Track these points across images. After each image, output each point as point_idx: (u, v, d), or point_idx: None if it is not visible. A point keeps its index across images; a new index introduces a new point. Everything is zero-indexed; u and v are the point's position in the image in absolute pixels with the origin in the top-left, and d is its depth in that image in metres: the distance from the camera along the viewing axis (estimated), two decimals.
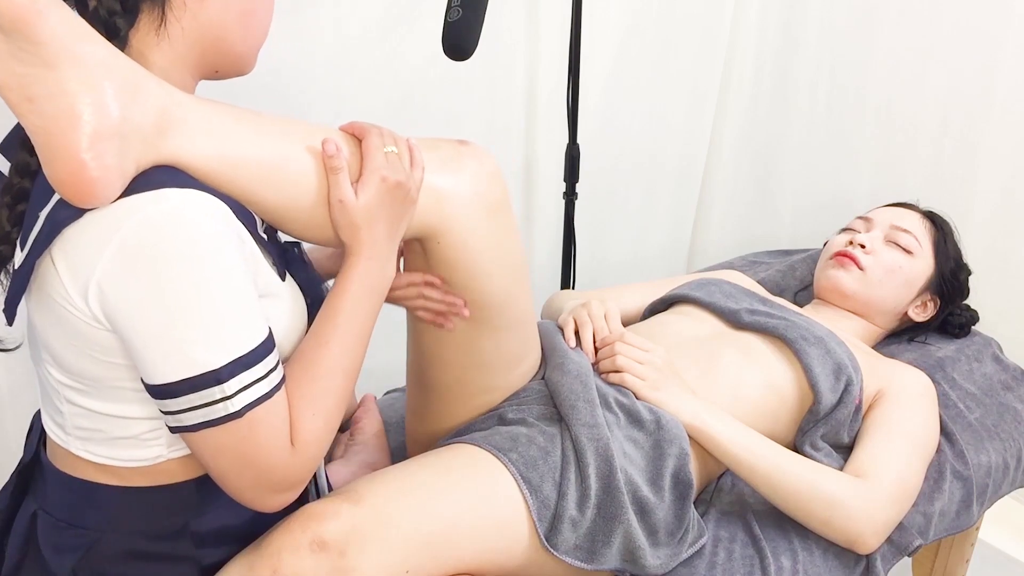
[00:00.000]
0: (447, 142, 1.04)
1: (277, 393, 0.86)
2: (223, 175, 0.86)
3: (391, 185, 0.93)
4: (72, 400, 0.89)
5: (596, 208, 2.02)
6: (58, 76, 0.77)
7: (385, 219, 0.94)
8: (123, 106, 0.79)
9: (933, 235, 1.56)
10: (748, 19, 2.03)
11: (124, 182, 0.79)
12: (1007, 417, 1.49)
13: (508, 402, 1.22)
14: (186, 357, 0.81)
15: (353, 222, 0.92)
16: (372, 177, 0.92)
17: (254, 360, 0.84)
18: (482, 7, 1.26)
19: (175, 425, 0.85)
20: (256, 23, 0.92)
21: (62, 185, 0.78)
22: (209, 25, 0.88)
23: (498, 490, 1.06)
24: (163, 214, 0.79)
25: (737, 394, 1.30)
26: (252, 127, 0.89)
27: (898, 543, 1.25)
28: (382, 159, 0.93)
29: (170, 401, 0.83)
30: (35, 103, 0.77)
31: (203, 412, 0.83)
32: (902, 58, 1.96)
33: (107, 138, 0.78)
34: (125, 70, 0.81)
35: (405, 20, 1.65)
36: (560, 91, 1.75)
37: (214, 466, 0.87)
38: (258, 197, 0.88)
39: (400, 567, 0.97)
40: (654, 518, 1.11)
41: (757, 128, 2.14)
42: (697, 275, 1.63)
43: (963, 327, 1.63)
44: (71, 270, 0.81)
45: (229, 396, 0.82)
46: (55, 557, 0.93)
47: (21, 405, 1.45)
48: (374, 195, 0.92)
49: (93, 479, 0.92)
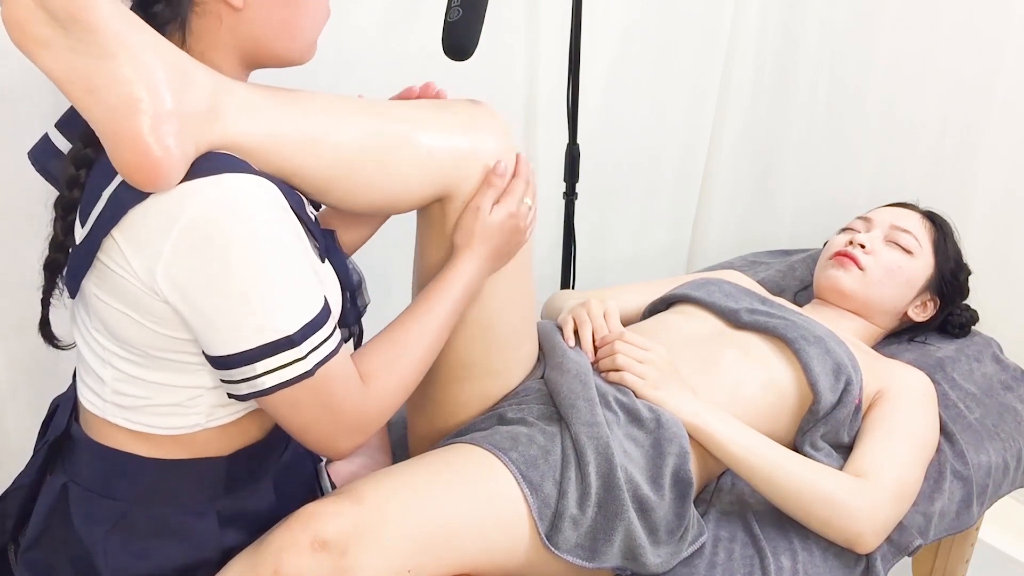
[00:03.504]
0: (461, 103, 1.09)
1: (342, 349, 0.94)
2: (273, 151, 0.91)
3: (513, 225, 1.08)
4: (117, 367, 0.93)
5: (596, 208, 2.02)
6: (114, 65, 0.80)
7: (496, 244, 1.08)
8: (176, 90, 0.83)
9: (933, 235, 1.56)
10: (748, 19, 2.03)
11: (186, 163, 0.83)
12: (1007, 417, 1.49)
13: (508, 402, 1.22)
14: (261, 326, 0.86)
15: (474, 229, 1.06)
16: (504, 209, 1.07)
17: (320, 322, 0.90)
18: (482, 7, 1.26)
19: (248, 392, 0.90)
20: (301, 28, 0.95)
21: (130, 170, 0.82)
22: (250, 37, 0.92)
23: (499, 489, 1.06)
24: (222, 197, 0.83)
25: (737, 393, 1.30)
26: (296, 103, 0.95)
27: (898, 543, 1.25)
28: (520, 205, 1.08)
29: (244, 368, 0.88)
30: (97, 94, 0.80)
31: (278, 374, 0.89)
32: (902, 58, 1.96)
33: (166, 120, 0.82)
34: (173, 56, 0.85)
35: (405, 20, 1.65)
36: (560, 91, 1.75)
37: (293, 421, 0.94)
38: (303, 167, 0.94)
39: (401, 566, 0.97)
40: (654, 516, 1.11)
41: (757, 128, 2.14)
42: (697, 275, 1.63)
43: (963, 327, 1.63)
44: (135, 249, 0.85)
45: (303, 357, 0.89)
46: (86, 526, 0.96)
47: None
48: (499, 221, 1.07)
49: (128, 449, 0.96)
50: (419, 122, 1.03)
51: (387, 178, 1.01)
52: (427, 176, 1.04)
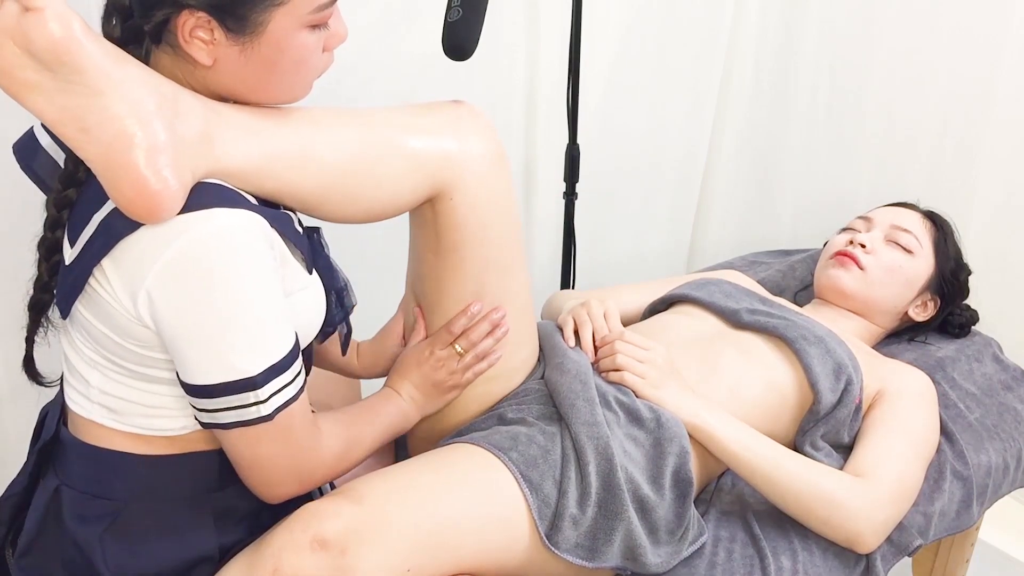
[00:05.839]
0: (443, 104, 1.09)
1: (302, 394, 0.95)
2: (265, 172, 0.92)
3: (439, 386, 1.17)
4: (104, 373, 0.94)
5: (596, 208, 2.01)
6: (105, 102, 0.81)
7: (423, 399, 1.17)
8: (168, 120, 0.83)
9: (933, 235, 1.56)
10: (748, 19, 2.03)
11: (184, 192, 0.84)
12: (1007, 417, 1.49)
13: (508, 401, 1.22)
14: (227, 363, 0.87)
15: (402, 372, 1.17)
16: (431, 359, 1.16)
17: (285, 366, 0.91)
18: (482, 7, 1.26)
19: (208, 421, 0.91)
20: (281, 85, 0.93)
21: (129, 204, 0.82)
22: (223, 89, 0.92)
23: (499, 489, 1.06)
24: (211, 233, 0.84)
25: (737, 393, 1.30)
26: (285, 121, 0.95)
27: (898, 543, 1.25)
28: (448, 359, 1.16)
29: (207, 400, 0.89)
30: (90, 132, 0.81)
31: (237, 413, 0.90)
32: (902, 59, 1.96)
33: (161, 152, 0.82)
34: (162, 86, 0.85)
35: (405, 20, 1.65)
36: (560, 91, 1.75)
37: (243, 457, 0.95)
38: (294, 185, 0.94)
39: (401, 566, 0.97)
40: (655, 516, 1.11)
41: (757, 128, 2.13)
42: (697, 275, 1.63)
43: (963, 327, 1.63)
44: (122, 276, 0.85)
45: (263, 400, 0.90)
46: (81, 527, 0.96)
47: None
48: (423, 382, 1.17)
49: (118, 448, 0.97)
50: (404, 127, 1.03)
51: (378, 186, 1.01)
52: (417, 179, 1.04)
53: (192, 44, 0.86)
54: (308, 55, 0.91)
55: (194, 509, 0.98)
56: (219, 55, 0.87)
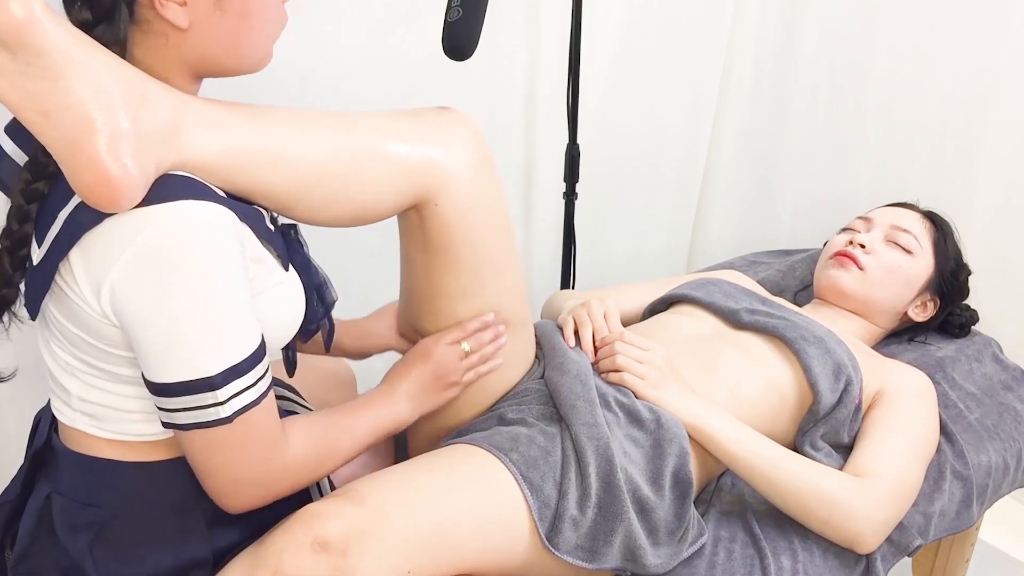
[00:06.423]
0: (428, 111, 1.08)
1: (265, 399, 0.92)
2: (235, 168, 0.90)
3: (441, 380, 1.15)
4: (81, 379, 0.93)
5: (596, 208, 2.01)
6: (67, 85, 0.79)
7: (421, 394, 1.15)
8: (133, 109, 0.81)
9: (933, 235, 1.56)
10: (748, 19, 2.03)
11: (146, 183, 0.82)
12: (1007, 417, 1.49)
13: (508, 402, 1.22)
14: (185, 361, 0.85)
15: (405, 363, 1.16)
16: (432, 359, 1.15)
17: (246, 368, 0.88)
18: (482, 7, 1.26)
19: (167, 421, 0.89)
20: (251, 43, 0.92)
21: (88, 191, 0.80)
22: (198, 54, 0.90)
23: (499, 490, 1.06)
24: (178, 226, 0.82)
25: (737, 394, 1.30)
26: (259, 119, 0.93)
27: (898, 543, 1.25)
28: (454, 354, 1.15)
29: (166, 399, 0.87)
30: (51, 117, 0.79)
31: (195, 414, 0.88)
32: (902, 58, 1.96)
33: (123, 140, 0.80)
34: (129, 75, 0.83)
35: (405, 20, 1.65)
36: (560, 91, 1.75)
37: (201, 460, 0.92)
38: (267, 184, 0.93)
39: (402, 567, 0.97)
40: (654, 517, 1.11)
41: (757, 128, 2.13)
42: (697, 275, 1.63)
43: (963, 327, 1.63)
44: (87, 271, 0.84)
45: (221, 402, 0.87)
46: (71, 537, 0.95)
47: (21, 405, 1.45)
48: (424, 374, 1.15)
49: (105, 455, 0.96)
50: (389, 132, 1.02)
51: (357, 190, 1.00)
52: (400, 184, 1.02)
53: (167, 7, 0.85)
54: (275, 3, 0.92)
55: (185, 515, 0.97)
56: (195, 16, 0.86)
